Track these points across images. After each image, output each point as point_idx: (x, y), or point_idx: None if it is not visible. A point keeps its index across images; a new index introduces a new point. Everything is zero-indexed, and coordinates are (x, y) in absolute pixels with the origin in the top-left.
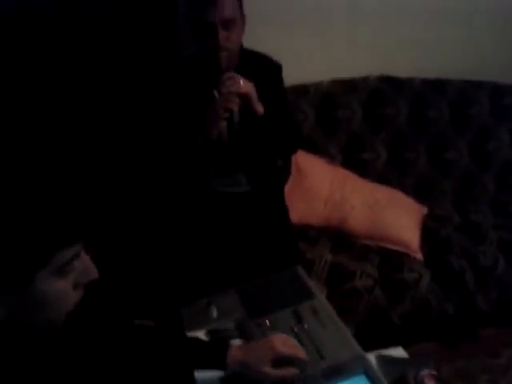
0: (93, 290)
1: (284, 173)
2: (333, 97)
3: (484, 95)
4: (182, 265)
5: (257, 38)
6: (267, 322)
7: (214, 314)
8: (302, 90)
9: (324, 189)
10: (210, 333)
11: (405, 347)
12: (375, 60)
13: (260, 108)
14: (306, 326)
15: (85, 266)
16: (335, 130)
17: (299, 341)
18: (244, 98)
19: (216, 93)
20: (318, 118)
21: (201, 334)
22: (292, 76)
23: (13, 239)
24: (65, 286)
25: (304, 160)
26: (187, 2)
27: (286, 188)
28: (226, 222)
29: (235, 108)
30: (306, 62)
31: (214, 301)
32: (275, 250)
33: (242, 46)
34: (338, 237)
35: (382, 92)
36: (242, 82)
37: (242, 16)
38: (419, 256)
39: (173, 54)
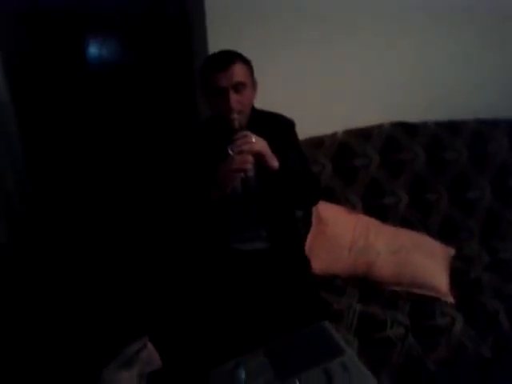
0: None
1: (305, 224)
2: (348, 146)
3: (500, 132)
4: (208, 327)
5: (271, 95)
6: (297, 382)
7: (243, 375)
8: (317, 142)
9: (347, 237)
10: None
11: None
12: (387, 108)
13: (275, 163)
14: None
15: (149, 356)
16: (353, 178)
17: None
18: (257, 155)
19: (230, 150)
20: (335, 168)
21: None
22: (307, 129)
23: (84, 335)
24: (130, 376)
25: (325, 209)
26: (201, 69)
27: (309, 239)
28: (248, 280)
29: (248, 168)
30: (320, 115)
31: (241, 362)
32: (299, 306)
33: (253, 107)
34: (366, 285)
35: (396, 138)
36: (254, 140)
37: (253, 80)
38: (450, 299)
39: (191, 120)
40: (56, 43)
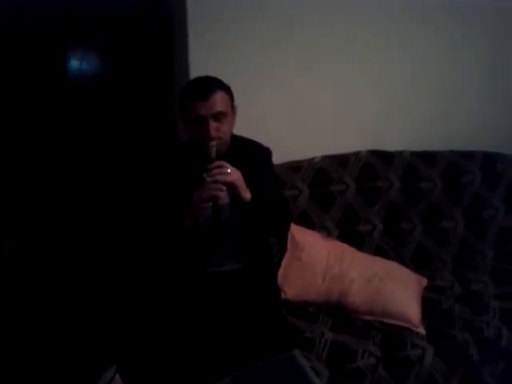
0: None
1: (280, 248)
2: (325, 172)
3: (475, 164)
4: (176, 353)
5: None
6: None
7: None
8: (295, 166)
9: (322, 263)
10: None
11: None
12: (365, 136)
13: (247, 195)
14: None
15: None
16: (330, 204)
17: None
18: (231, 185)
19: (206, 177)
20: (312, 193)
21: None
22: (285, 154)
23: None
24: None
25: (300, 235)
26: (180, 96)
27: (283, 264)
28: (216, 304)
29: (220, 196)
30: (299, 140)
31: None
32: (268, 333)
33: (231, 134)
34: (338, 312)
35: (372, 166)
36: (229, 171)
37: (233, 106)
38: (421, 330)
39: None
40: (36, 59)
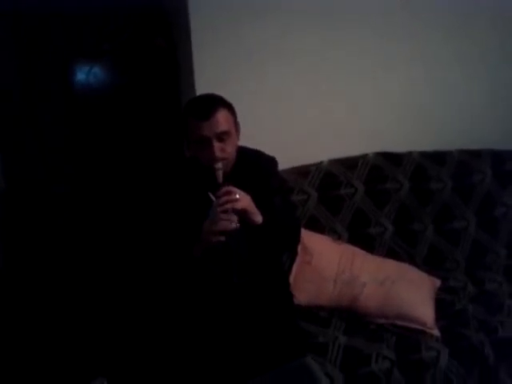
0: None
1: (290, 254)
2: (334, 176)
3: (484, 163)
4: (188, 362)
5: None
6: None
7: None
8: (303, 171)
9: (332, 268)
10: None
11: None
12: (372, 138)
13: (258, 218)
14: None
15: None
16: (339, 208)
17: None
18: (241, 212)
19: (211, 196)
20: (320, 197)
21: None
22: (292, 158)
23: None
24: None
25: (310, 239)
26: (183, 116)
27: (294, 269)
28: (232, 315)
29: (232, 227)
30: (306, 145)
31: None
32: (281, 340)
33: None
34: (351, 317)
35: (381, 168)
36: (238, 196)
37: (236, 124)
38: (436, 332)
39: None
40: (43, 72)
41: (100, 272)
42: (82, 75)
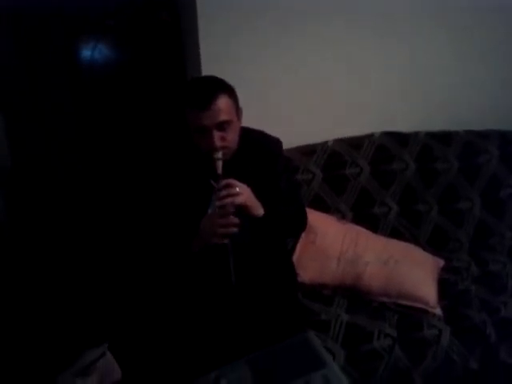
0: None
1: None
2: (339, 155)
3: (490, 143)
4: (190, 338)
5: (264, 102)
6: None
7: None
8: (308, 150)
9: (336, 246)
10: None
11: None
12: (379, 118)
13: (259, 211)
14: None
15: (108, 367)
16: (344, 187)
17: None
18: (241, 207)
19: (213, 182)
20: (325, 177)
21: None
22: (298, 138)
23: (38, 338)
24: None
25: (314, 219)
26: (183, 105)
27: (298, 248)
28: (233, 292)
29: (233, 231)
30: (311, 124)
31: (223, 374)
32: (283, 316)
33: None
34: (354, 295)
35: (387, 148)
36: (238, 189)
37: (238, 110)
38: (438, 311)
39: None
40: (47, 48)
41: (100, 252)
42: (86, 52)
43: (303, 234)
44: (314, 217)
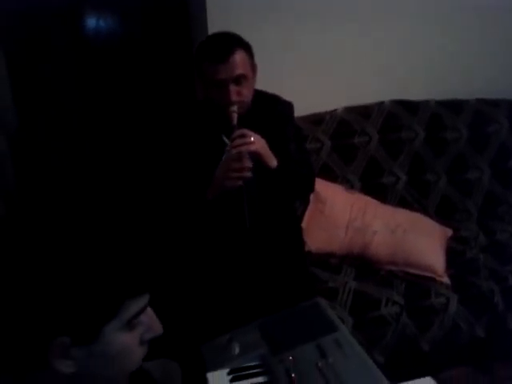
0: None
1: (302, 202)
2: (348, 124)
3: (501, 113)
4: (202, 302)
5: (271, 71)
6: (290, 358)
7: (236, 350)
8: (317, 119)
9: (344, 216)
10: (232, 371)
11: (437, 374)
12: (388, 86)
13: (273, 162)
14: (330, 360)
15: (150, 320)
16: (352, 157)
17: (323, 376)
18: (255, 154)
19: (225, 138)
20: (334, 146)
21: (223, 374)
22: (307, 106)
23: (83, 289)
24: (132, 340)
25: (323, 188)
26: (198, 58)
27: (306, 217)
28: (245, 257)
29: (248, 176)
30: (321, 92)
31: (235, 337)
32: (293, 283)
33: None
34: (362, 264)
35: (396, 116)
36: (252, 139)
37: (253, 66)
38: (446, 280)
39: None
40: (52, 17)
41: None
42: (91, 22)
43: (311, 204)
44: (322, 186)
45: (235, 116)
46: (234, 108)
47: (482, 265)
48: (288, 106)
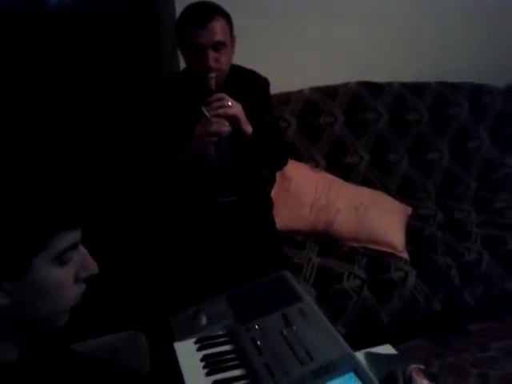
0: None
1: (269, 180)
2: (314, 104)
3: (462, 96)
4: (170, 273)
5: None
6: (256, 326)
7: (203, 321)
8: (284, 98)
9: (309, 194)
10: (199, 340)
11: (395, 345)
12: (355, 67)
13: (248, 128)
14: (294, 328)
15: (84, 259)
16: (318, 136)
17: (288, 343)
18: (232, 119)
19: (205, 110)
20: (300, 126)
21: (191, 343)
22: (274, 86)
23: (10, 220)
24: (65, 275)
25: (289, 167)
26: (178, 24)
27: (272, 195)
28: (214, 230)
29: (225, 131)
30: (288, 72)
31: (202, 308)
32: (261, 257)
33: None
34: (325, 241)
35: (361, 97)
36: (230, 104)
37: (232, 38)
38: (405, 255)
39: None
40: None
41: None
42: None
43: (277, 182)
44: (288, 165)
45: (213, 82)
46: (213, 74)
47: (440, 241)
48: (264, 81)
